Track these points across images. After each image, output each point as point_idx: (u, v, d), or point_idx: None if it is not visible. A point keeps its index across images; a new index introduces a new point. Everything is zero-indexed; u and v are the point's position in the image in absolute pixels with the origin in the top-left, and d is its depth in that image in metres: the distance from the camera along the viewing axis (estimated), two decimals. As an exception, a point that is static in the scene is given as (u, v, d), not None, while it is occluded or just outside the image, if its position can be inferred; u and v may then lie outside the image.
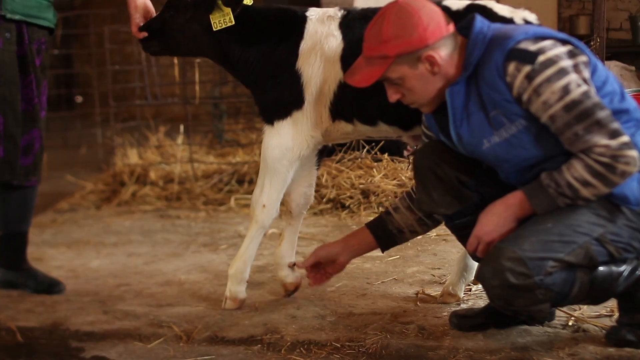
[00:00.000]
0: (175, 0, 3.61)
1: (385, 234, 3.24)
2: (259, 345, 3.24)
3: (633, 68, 6.58)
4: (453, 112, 2.83)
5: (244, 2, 3.53)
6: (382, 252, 3.33)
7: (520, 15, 3.34)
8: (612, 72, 6.16)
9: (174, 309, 3.71)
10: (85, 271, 4.44)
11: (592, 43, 4.92)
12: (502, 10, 3.34)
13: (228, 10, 3.50)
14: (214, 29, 3.52)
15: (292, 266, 3.67)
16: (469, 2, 3.40)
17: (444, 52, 2.78)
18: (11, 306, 3.88)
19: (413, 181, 3.38)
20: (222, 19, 3.51)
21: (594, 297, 2.83)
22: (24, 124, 3.88)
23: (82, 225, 5.60)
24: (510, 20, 3.31)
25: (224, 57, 3.63)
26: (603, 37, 4.84)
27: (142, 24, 3.68)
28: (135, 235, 5.26)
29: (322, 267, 3.34)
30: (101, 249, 4.93)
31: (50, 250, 4.92)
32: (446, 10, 3.36)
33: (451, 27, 2.80)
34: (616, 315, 3.05)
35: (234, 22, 3.50)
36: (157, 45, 3.69)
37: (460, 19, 3.30)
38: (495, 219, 2.77)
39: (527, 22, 3.33)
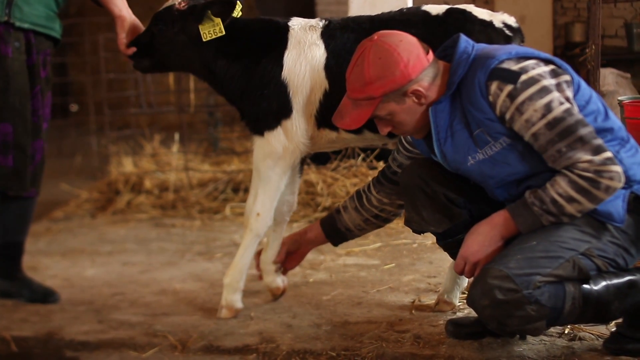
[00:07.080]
0: (163, 13, 3.56)
1: (335, 231, 3.48)
2: (255, 355, 3.23)
3: (629, 75, 6.57)
4: (437, 131, 2.84)
5: (233, 15, 3.52)
6: (335, 246, 3.60)
7: (499, 18, 3.37)
8: (608, 79, 6.13)
9: (169, 318, 3.70)
10: (80, 280, 4.43)
11: (587, 50, 4.92)
12: (482, 14, 3.37)
13: (218, 20, 3.48)
14: (204, 40, 3.49)
15: (278, 272, 3.74)
16: (448, 7, 3.40)
17: (427, 82, 2.79)
18: (5, 315, 3.87)
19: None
20: (212, 29, 3.49)
21: (598, 314, 2.77)
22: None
23: (77, 234, 5.58)
24: (489, 23, 3.33)
25: (210, 72, 3.61)
26: (598, 44, 4.83)
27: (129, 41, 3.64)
28: (130, 244, 5.24)
29: (289, 254, 3.67)
30: (96, 258, 4.91)
31: (44, 259, 4.90)
32: (425, 15, 3.38)
33: (430, 56, 2.81)
34: (613, 322, 3.04)
35: (224, 32, 3.49)
36: (147, 60, 3.65)
37: (440, 23, 3.33)
38: (480, 239, 2.76)
39: (506, 25, 3.35)
